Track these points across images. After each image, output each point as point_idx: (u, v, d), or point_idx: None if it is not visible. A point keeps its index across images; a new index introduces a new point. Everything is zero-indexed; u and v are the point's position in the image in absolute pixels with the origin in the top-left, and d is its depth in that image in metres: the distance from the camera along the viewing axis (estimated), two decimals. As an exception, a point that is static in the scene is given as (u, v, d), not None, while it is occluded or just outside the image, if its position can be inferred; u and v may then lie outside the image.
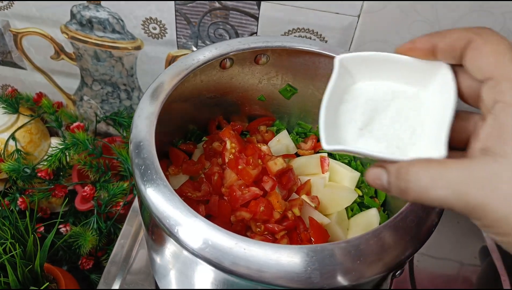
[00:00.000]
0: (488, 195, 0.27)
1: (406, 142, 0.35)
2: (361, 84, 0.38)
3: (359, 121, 0.36)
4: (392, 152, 0.34)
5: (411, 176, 0.30)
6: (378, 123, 0.36)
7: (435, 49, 0.33)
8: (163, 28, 0.79)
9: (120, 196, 0.82)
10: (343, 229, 0.57)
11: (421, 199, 0.30)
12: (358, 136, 0.36)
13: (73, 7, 0.81)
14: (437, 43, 0.33)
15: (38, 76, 0.98)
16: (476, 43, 0.31)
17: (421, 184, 0.29)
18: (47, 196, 0.85)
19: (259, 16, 0.73)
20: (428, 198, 0.29)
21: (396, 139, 0.35)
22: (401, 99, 0.37)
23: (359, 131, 0.36)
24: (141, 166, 0.43)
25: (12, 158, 0.89)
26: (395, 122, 0.36)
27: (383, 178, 0.32)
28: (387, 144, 0.35)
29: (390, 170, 0.32)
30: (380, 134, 0.35)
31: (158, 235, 0.46)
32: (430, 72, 0.35)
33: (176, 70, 0.54)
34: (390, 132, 0.35)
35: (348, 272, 0.37)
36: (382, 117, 0.36)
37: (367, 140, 0.35)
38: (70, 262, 0.87)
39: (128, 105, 0.98)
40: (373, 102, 0.37)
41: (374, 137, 0.35)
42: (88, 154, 0.85)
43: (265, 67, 0.61)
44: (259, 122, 0.69)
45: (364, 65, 0.38)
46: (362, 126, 0.36)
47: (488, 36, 0.31)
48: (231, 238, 0.38)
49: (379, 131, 0.36)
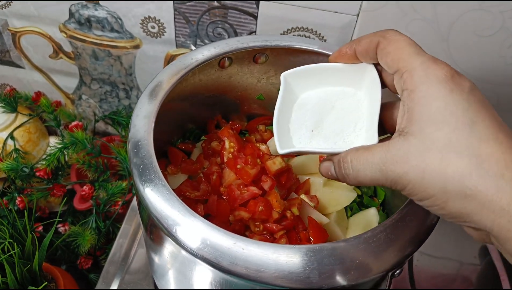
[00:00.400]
0: (403, 169, 0.32)
1: (350, 136, 0.40)
2: (307, 93, 0.44)
3: (309, 125, 0.42)
4: (339, 146, 0.40)
5: (347, 164, 0.36)
6: (325, 123, 0.42)
7: (356, 53, 0.40)
8: (161, 27, 0.79)
9: (119, 196, 0.82)
10: (342, 228, 0.57)
11: (358, 181, 0.36)
12: (310, 137, 0.42)
13: (72, 6, 0.80)
14: (356, 48, 0.39)
15: (37, 75, 0.98)
16: (382, 44, 0.36)
17: (355, 169, 0.35)
18: (46, 195, 0.85)
19: (258, 15, 0.73)
20: (362, 180, 0.35)
21: (342, 134, 0.41)
22: (342, 100, 0.42)
23: (311, 133, 0.42)
24: (140, 166, 0.43)
25: (10, 157, 0.89)
26: (339, 120, 0.41)
27: (331, 169, 0.39)
28: (335, 139, 0.41)
29: (334, 161, 0.38)
30: (328, 132, 0.41)
31: (157, 234, 0.46)
32: (360, 73, 0.41)
33: (175, 69, 0.54)
34: (336, 129, 0.41)
35: (347, 272, 0.37)
36: (329, 118, 0.42)
37: (319, 140, 0.41)
38: (68, 262, 0.86)
39: (126, 104, 0.98)
40: (319, 106, 0.43)
41: (324, 136, 0.41)
42: (87, 153, 0.85)
43: (264, 66, 0.61)
44: (258, 121, 0.68)
45: (305, 76, 0.44)
46: (313, 128, 0.42)
47: (391, 36, 0.36)
48: (229, 237, 0.38)
49: (328, 130, 0.41)
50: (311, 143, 0.42)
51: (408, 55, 0.34)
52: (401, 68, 0.35)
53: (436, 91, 0.32)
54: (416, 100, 0.33)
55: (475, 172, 0.30)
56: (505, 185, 0.29)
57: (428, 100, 0.32)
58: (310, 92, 0.44)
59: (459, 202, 0.31)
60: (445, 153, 0.31)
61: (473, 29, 0.67)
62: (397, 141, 0.33)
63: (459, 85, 0.32)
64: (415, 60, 0.34)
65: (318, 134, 0.42)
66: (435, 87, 0.32)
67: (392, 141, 0.34)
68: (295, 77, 0.44)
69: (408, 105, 0.33)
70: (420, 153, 0.32)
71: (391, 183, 0.33)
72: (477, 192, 0.30)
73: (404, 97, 0.34)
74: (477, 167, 0.30)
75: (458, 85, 0.32)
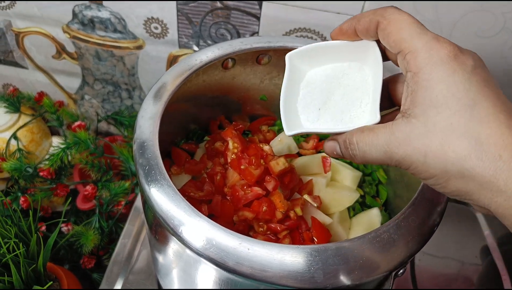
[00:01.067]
0: (407, 151, 0.33)
1: (357, 112, 0.40)
2: (313, 71, 0.44)
3: (317, 103, 0.42)
4: (346, 125, 0.40)
5: (353, 145, 0.37)
6: (333, 100, 0.42)
7: (356, 32, 0.39)
8: (164, 28, 0.79)
9: (122, 195, 0.83)
10: (345, 228, 0.57)
11: (365, 161, 0.37)
12: (318, 116, 0.42)
13: (75, 6, 0.81)
14: (356, 27, 0.39)
15: (40, 75, 0.98)
16: (382, 24, 0.36)
17: (361, 150, 0.36)
18: (49, 195, 0.85)
19: (260, 16, 0.73)
20: (369, 160, 0.36)
21: (349, 111, 0.41)
22: (349, 76, 0.42)
23: (318, 111, 0.42)
24: (145, 166, 0.44)
25: (14, 157, 0.89)
26: (346, 96, 0.41)
27: (337, 149, 0.39)
28: (342, 116, 0.41)
29: (339, 142, 0.39)
30: (335, 110, 0.41)
31: (162, 234, 0.46)
32: (363, 49, 0.40)
33: (179, 70, 0.54)
34: (343, 106, 0.41)
35: (351, 271, 0.37)
36: (336, 95, 0.42)
37: (326, 118, 0.41)
38: (71, 261, 0.87)
39: (129, 104, 0.99)
40: (326, 83, 0.42)
41: (331, 113, 0.41)
42: (90, 153, 0.85)
43: (267, 67, 0.62)
44: (260, 122, 0.69)
45: (310, 55, 0.43)
46: (320, 106, 0.42)
47: (391, 16, 0.35)
48: (235, 238, 0.39)
49: (335, 107, 0.41)
50: (319, 122, 0.42)
51: (410, 35, 0.34)
52: (403, 49, 0.34)
53: (439, 73, 0.32)
54: (419, 83, 0.33)
55: (474, 154, 0.31)
56: (503, 166, 0.30)
57: (431, 83, 0.33)
58: (317, 70, 0.44)
59: (459, 182, 0.32)
60: (446, 136, 0.32)
61: (475, 30, 0.67)
62: (400, 123, 0.34)
63: (462, 65, 0.33)
64: (418, 40, 0.34)
65: (325, 112, 0.41)
66: (438, 69, 0.33)
67: (396, 122, 0.34)
68: (300, 57, 0.44)
69: (412, 87, 0.34)
70: (422, 135, 0.32)
71: (396, 163, 0.34)
72: (475, 174, 0.31)
73: (408, 78, 0.34)
74: (476, 149, 0.31)
75: (461, 65, 0.33)
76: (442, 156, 0.32)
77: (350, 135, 0.37)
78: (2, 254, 0.61)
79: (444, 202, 0.44)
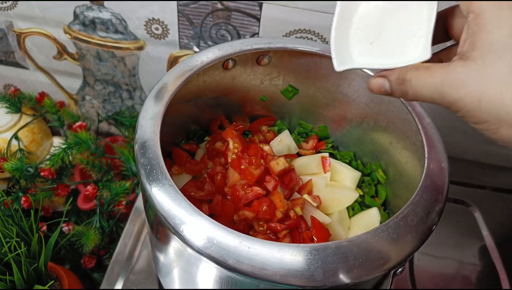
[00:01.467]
0: (460, 94, 0.33)
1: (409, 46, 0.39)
2: (365, 3, 0.42)
3: (369, 36, 0.41)
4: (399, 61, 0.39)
5: (407, 82, 0.36)
6: (385, 33, 0.40)
7: None
8: (165, 29, 0.80)
9: (123, 195, 0.83)
10: (344, 228, 0.58)
11: (417, 98, 0.36)
12: (370, 50, 0.41)
13: (77, 7, 0.81)
14: None
15: (41, 76, 0.99)
16: None
17: (414, 88, 0.36)
18: (50, 195, 0.86)
19: (260, 17, 0.74)
20: (420, 98, 0.36)
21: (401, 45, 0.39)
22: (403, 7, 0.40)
23: (370, 45, 0.41)
24: (147, 166, 0.44)
25: (15, 157, 0.90)
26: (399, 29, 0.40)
27: (386, 86, 0.39)
28: (394, 50, 0.39)
29: (391, 79, 0.38)
30: (388, 44, 0.40)
31: (163, 233, 0.47)
32: None
33: (180, 71, 0.54)
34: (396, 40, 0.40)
35: (350, 270, 0.38)
36: (389, 27, 0.40)
37: (379, 52, 0.40)
38: (72, 261, 0.87)
39: (130, 105, 0.99)
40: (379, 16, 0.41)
41: (383, 48, 0.40)
42: (91, 154, 0.85)
43: (267, 67, 0.62)
44: (261, 122, 0.69)
45: None
46: (372, 40, 0.41)
47: None
48: (235, 236, 0.39)
49: (387, 41, 0.40)
50: (371, 56, 0.41)
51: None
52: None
53: (503, 18, 0.32)
54: (481, 25, 0.32)
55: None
56: None
57: (493, 26, 0.32)
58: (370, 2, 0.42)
59: (511, 130, 0.32)
60: (503, 83, 0.31)
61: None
62: (457, 65, 0.33)
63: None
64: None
65: (377, 47, 0.41)
66: (502, 14, 0.32)
67: (453, 63, 0.34)
68: None
69: (473, 29, 0.33)
70: (479, 79, 0.32)
71: (447, 104, 0.34)
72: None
73: (470, 20, 0.33)
74: None
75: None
76: (497, 103, 0.31)
77: (404, 72, 0.37)
78: (3, 253, 0.62)
79: (442, 202, 0.45)
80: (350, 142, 0.67)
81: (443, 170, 0.47)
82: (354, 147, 0.67)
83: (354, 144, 0.67)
